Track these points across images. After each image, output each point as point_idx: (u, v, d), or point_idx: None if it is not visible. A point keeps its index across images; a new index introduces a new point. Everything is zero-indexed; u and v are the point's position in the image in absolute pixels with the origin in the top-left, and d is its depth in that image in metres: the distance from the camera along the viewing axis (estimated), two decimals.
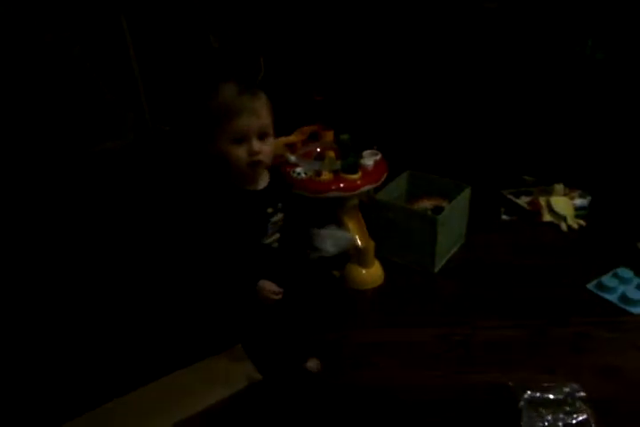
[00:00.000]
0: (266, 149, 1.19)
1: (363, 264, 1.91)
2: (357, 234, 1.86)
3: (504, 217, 2.33)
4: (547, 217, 2.27)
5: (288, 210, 1.31)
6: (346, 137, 1.82)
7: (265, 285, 1.23)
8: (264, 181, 1.28)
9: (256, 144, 1.17)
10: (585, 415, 1.34)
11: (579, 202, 2.30)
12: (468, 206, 2.11)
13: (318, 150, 1.90)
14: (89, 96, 2.69)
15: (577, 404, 1.37)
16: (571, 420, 1.34)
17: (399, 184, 2.16)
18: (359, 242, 1.85)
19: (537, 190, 2.38)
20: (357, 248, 1.86)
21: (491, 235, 2.22)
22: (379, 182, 1.83)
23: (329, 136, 1.93)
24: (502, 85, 2.86)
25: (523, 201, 2.37)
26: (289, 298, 1.27)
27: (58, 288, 1.98)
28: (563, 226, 2.24)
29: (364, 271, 1.92)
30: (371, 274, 1.94)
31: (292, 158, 1.81)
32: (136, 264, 2.09)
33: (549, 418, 1.34)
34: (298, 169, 1.75)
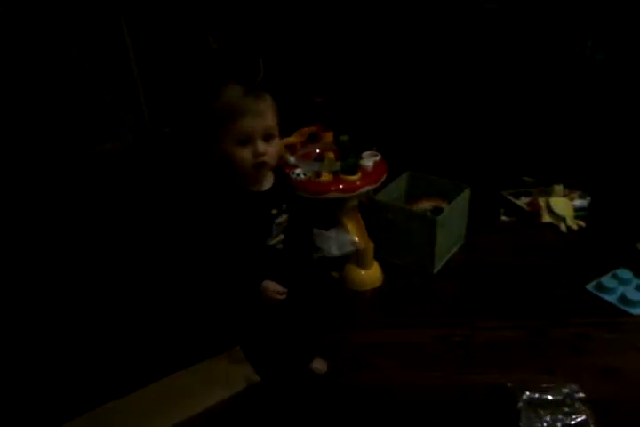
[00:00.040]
0: (271, 151, 1.19)
1: (362, 265, 1.91)
2: (357, 235, 1.85)
3: (503, 218, 2.33)
4: (546, 218, 2.27)
5: (292, 211, 1.31)
6: (345, 138, 1.82)
7: (269, 285, 1.24)
8: (269, 183, 1.29)
9: (261, 146, 1.17)
10: (584, 416, 1.35)
11: (578, 203, 2.30)
12: (468, 207, 2.11)
13: (318, 151, 1.90)
14: (88, 97, 2.69)
15: (576, 405, 1.37)
16: (570, 421, 1.34)
17: (399, 185, 2.16)
18: (362, 246, 1.85)
19: (536, 191, 2.38)
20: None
21: (490, 236, 2.22)
22: (378, 183, 1.83)
23: (328, 137, 1.93)
24: (502, 86, 2.86)
25: (522, 202, 2.37)
26: (292, 299, 1.28)
27: (57, 290, 1.97)
28: (562, 227, 2.23)
29: (364, 272, 1.92)
30: (370, 275, 1.94)
31: (292, 159, 1.81)
32: (136, 265, 2.09)
33: (548, 419, 1.34)
34: (297, 170, 1.75)
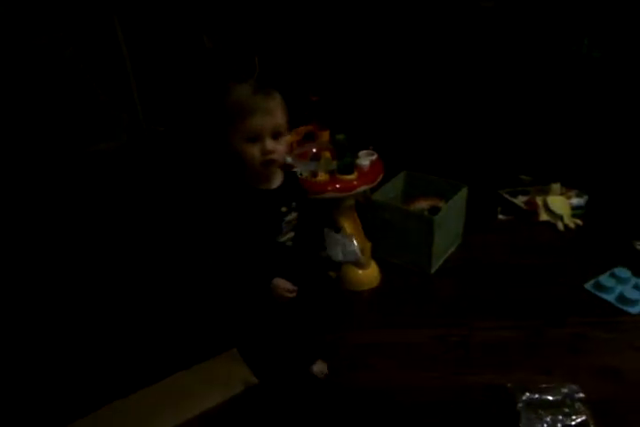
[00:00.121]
0: (280, 149, 1.20)
1: (359, 265, 1.90)
2: (353, 235, 1.84)
3: (501, 217, 2.33)
4: (543, 216, 2.26)
5: (302, 209, 1.31)
6: (342, 137, 1.82)
7: (279, 282, 1.24)
8: (278, 181, 1.29)
9: (270, 143, 1.18)
10: (584, 417, 1.34)
11: (575, 201, 2.29)
12: (465, 206, 2.10)
13: (314, 151, 1.88)
14: (82, 97, 2.68)
15: (576, 405, 1.36)
16: (569, 421, 1.33)
17: (395, 184, 2.15)
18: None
19: (534, 190, 2.37)
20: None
21: (487, 235, 2.21)
22: (375, 183, 1.82)
23: (325, 136, 1.91)
24: (499, 84, 2.86)
25: (519, 201, 2.36)
26: (299, 298, 1.27)
27: (55, 291, 1.96)
28: (559, 225, 2.23)
29: (361, 272, 1.91)
30: (367, 275, 1.93)
31: (288, 159, 1.79)
32: (133, 266, 2.08)
33: (548, 420, 1.33)
34: (293, 170, 1.74)
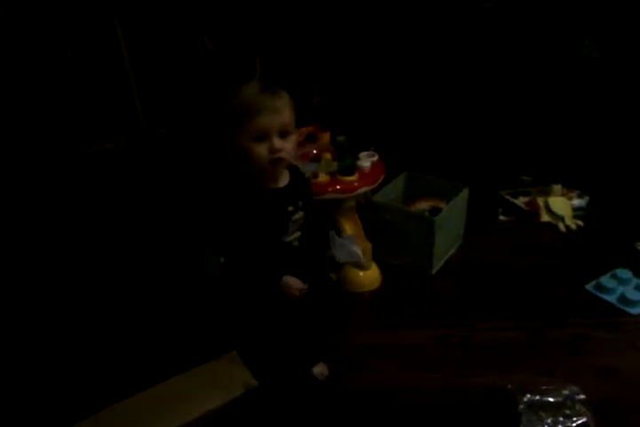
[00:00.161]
0: (287, 147, 1.20)
1: (360, 266, 1.90)
2: (355, 236, 1.84)
3: (502, 218, 2.32)
4: (545, 217, 2.26)
5: (308, 208, 1.31)
6: (342, 138, 1.82)
7: (289, 280, 1.24)
8: (285, 180, 1.29)
9: (277, 142, 1.18)
10: (585, 418, 1.34)
11: (577, 202, 2.29)
12: (466, 207, 2.10)
13: (315, 152, 1.89)
14: (82, 99, 2.68)
15: (577, 407, 1.36)
16: (571, 423, 1.33)
17: (396, 185, 2.15)
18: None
19: (535, 191, 2.37)
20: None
21: (488, 236, 2.21)
22: (376, 184, 1.83)
23: (325, 138, 1.92)
24: (499, 85, 2.85)
25: (520, 201, 2.36)
26: (306, 298, 1.27)
27: (55, 293, 1.96)
28: (561, 226, 2.23)
29: (362, 273, 1.91)
30: (368, 276, 1.93)
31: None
32: (133, 268, 2.08)
33: (549, 421, 1.33)
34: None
